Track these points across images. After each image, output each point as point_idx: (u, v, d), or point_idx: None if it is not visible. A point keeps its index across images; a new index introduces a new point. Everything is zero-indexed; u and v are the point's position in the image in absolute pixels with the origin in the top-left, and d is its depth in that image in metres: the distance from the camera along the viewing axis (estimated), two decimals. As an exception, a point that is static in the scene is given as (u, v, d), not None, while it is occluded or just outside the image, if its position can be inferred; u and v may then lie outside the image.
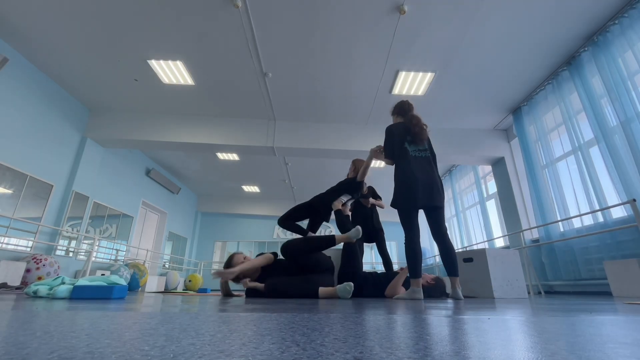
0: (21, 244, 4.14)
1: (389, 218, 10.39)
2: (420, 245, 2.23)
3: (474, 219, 6.79)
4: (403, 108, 2.59)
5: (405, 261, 2.23)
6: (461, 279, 3.25)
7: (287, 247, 2.47)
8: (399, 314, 0.96)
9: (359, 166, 3.01)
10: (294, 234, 3.02)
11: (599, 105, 3.60)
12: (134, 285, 5.38)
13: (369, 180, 3.33)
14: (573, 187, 4.06)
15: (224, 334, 0.53)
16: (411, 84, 4.53)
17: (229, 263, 2.51)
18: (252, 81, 4.59)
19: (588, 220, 3.85)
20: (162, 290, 6.62)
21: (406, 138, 2.42)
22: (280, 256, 2.59)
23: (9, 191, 3.99)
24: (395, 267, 10.21)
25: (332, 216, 3.04)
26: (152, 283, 6.71)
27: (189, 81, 4.58)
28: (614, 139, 3.40)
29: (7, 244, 3.94)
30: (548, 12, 3.38)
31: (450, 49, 3.89)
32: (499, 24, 3.52)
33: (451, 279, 2.21)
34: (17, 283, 3.64)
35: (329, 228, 10.61)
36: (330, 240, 2.47)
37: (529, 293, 4.15)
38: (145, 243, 7.65)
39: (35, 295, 1.88)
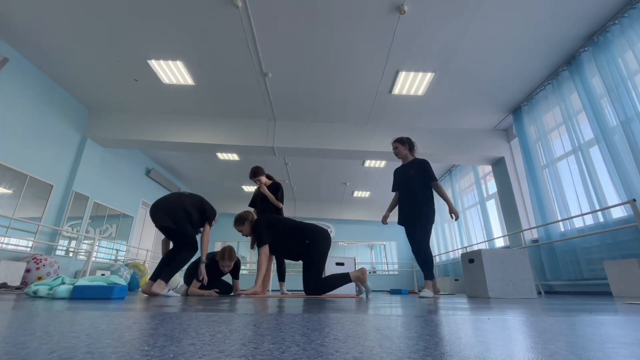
0: (21, 244, 4.13)
1: (389, 219, 10.42)
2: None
3: (474, 219, 6.78)
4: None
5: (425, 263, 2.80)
6: (465, 279, 3.26)
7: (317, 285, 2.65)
8: (399, 315, 0.96)
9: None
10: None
11: (599, 105, 3.60)
12: (134, 286, 5.38)
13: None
14: (574, 187, 4.06)
15: (224, 334, 0.53)
16: (411, 84, 4.53)
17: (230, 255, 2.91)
18: (252, 81, 4.59)
19: (588, 220, 3.85)
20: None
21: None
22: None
23: (9, 191, 3.99)
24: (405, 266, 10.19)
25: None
26: (152, 283, 6.69)
27: (189, 81, 4.58)
28: (614, 139, 3.39)
29: (7, 244, 3.94)
30: (548, 12, 3.38)
31: (450, 49, 3.89)
32: (499, 23, 3.52)
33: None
34: (17, 283, 3.64)
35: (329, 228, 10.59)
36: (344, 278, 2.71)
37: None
38: (145, 243, 7.65)
39: (35, 295, 1.88)
